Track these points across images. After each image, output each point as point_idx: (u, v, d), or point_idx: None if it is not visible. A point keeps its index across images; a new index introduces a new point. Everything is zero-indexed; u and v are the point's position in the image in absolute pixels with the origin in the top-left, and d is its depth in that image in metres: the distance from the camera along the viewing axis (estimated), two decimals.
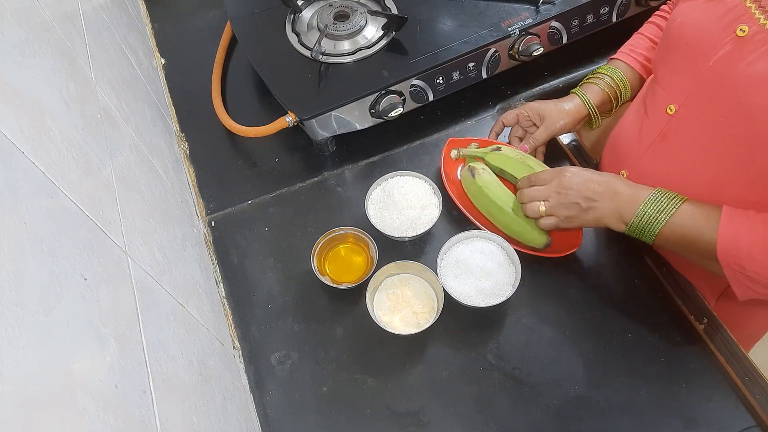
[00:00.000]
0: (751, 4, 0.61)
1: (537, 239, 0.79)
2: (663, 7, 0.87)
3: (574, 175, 0.72)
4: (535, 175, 0.77)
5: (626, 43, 0.88)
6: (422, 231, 0.81)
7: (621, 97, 0.86)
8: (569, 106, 0.85)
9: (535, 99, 1.00)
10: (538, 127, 0.87)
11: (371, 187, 0.84)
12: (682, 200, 0.67)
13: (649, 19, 0.88)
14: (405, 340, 0.76)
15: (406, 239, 0.83)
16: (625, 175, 0.80)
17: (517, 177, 0.84)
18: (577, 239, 0.81)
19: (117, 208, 0.55)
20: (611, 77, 0.85)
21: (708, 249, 0.65)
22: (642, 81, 0.86)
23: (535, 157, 0.88)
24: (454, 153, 0.88)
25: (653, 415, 0.71)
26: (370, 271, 0.79)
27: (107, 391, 0.39)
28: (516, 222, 0.80)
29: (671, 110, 0.71)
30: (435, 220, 0.82)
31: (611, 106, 0.87)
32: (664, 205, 0.67)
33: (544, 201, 0.74)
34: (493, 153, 0.86)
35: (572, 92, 0.87)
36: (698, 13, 0.67)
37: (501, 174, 0.86)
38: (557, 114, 0.85)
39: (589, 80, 0.87)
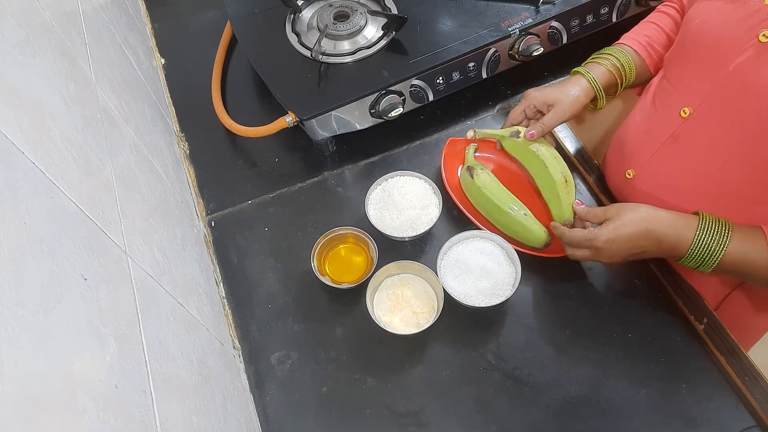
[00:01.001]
0: None
1: (537, 239, 0.79)
2: None
3: (611, 243, 0.68)
4: (570, 235, 0.73)
5: (637, 29, 0.84)
6: (422, 231, 0.81)
7: (624, 82, 0.82)
8: (576, 90, 0.81)
9: None
10: (544, 114, 0.82)
11: (371, 187, 0.84)
12: (729, 233, 0.65)
13: (660, 8, 0.84)
14: (405, 340, 0.76)
15: (406, 239, 0.83)
16: (632, 174, 0.80)
17: (528, 169, 0.84)
18: None
19: (117, 208, 0.55)
20: (618, 59, 0.81)
21: (763, 276, 0.65)
22: (648, 74, 0.83)
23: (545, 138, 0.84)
24: (470, 133, 0.86)
25: (653, 415, 0.71)
26: (370, 271, 0.79)
27: (107, 391, 0.39)
28: (515, 222, 0.80)
29: (685, 113, 0.70)
30: (435, 220, 0.82)
31: (615, 90, 0.83)
32: (715, 246, 0.65)
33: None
34: (510, 139, 0.84)
35: (577, 71, 0.83)
36: (718, 15, 0.65)
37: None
38: (565, 99, 0.80)
39: (595, 60, 0.83)
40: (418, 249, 0.85)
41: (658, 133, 0.75)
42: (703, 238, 0.65)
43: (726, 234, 0.65)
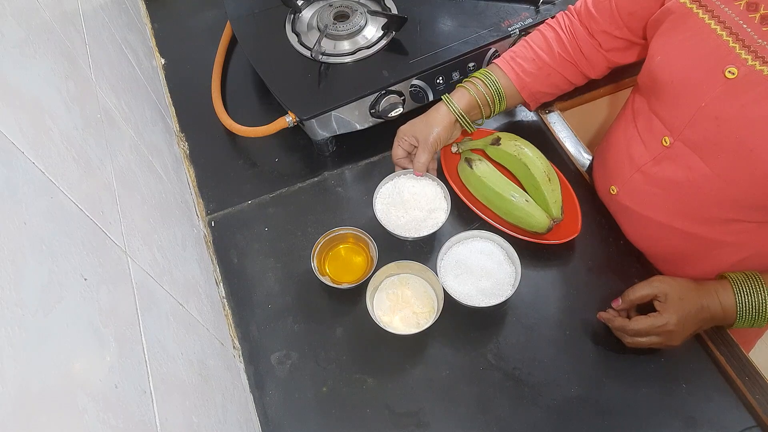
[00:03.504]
0: (734, 44, 0.60)
1: (540, 223, 0.80)
2: (558, 16, 0.83)
3: (684, 321, 0.68)
4: (635, 326, 0.70)
5: (510, 48, 0.85)
6: (425, 234, 0.80)
7: (494, 105, 0.83)
8: (437, 116, 0.82)
9: None
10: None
11: (383, 181, 0.84)
12: (762, 283, 0.67)
13: (540, 27, 0.84)
14: (405, 340, 0.76)
15: (408, 239, 0.83)
16: (615, 190, 0.80)
17: (513, 173, 0.88)
18: (575, 227, 0.82)
19: (117, 208, 0.55)
20: (484, 83, 0.82)
21: None
22: (518, 93, 0.83)
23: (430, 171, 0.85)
24: (454, 148, 0.89)
25: (653, 415, 0.71)
26: (370, 271, 0.79)
27: (107, 391, 0.39)
28: (518, 208, 0.81)
29: (666, 142, 0.70)
30: (440, 225, 0.81)
31: (480, 112, 0.83)
32: (758, 302, 0.66)
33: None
34: (492, 147, 0.87)
35: (442, 97, 0.84)
36: (679, 53, 0.66)
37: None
38: (427, 129, 0.81)
39: (462, 85, 0.84)
40: (418, 249, 0.85)
41: (640, 155, 0.75)
42: (744, 299, 0.67)
43: (760, 285, 0.67)
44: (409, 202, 0.82)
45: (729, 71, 0.60)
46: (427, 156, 0.81)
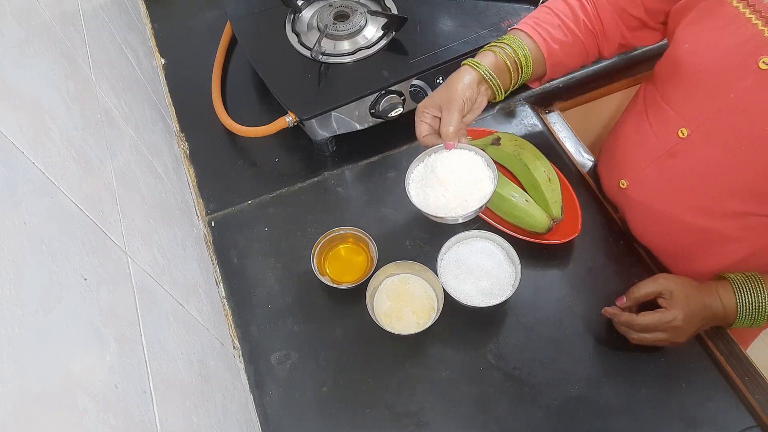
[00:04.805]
0: None
1: (541, 223, 0.80)
2: None
3: (690, 318, 0.68)
4: (642, 321, 0.70)
5: (531, 14, 0.79)
6: (473, 209, 0.69)
7: (522, 69, 0.75)
8: (458, 76, 0.73)
9: (536, 99, 1.00)
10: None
11: (412, 164, 0.74)
12: (762, 283, 0.67)
13: None
14: (405, 340, 0.76)
15: (451, 219, 0.71)
16: (625, 184, 0.80)
17: (513, 173, 0.88)
18: (575, 227, 0.82)
19: (117, 208, 0.55)
20: (511, 47, 0.74)
21: None
22: (543, 61, 0.77)
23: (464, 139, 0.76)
24: None
25: (653, 415, 0.71)
26: (370, 271, 0.79)
27: (107, 391, 0.39)
28: (518, 209, 0.81)
29: (683, 134, 0.69)
30: (489, 196, 0.70)
31: (509, 76, 0.75)
32: (758, 301, 0.67)
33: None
34: (492, 147, 0.88)
35: (463, 63, 0.75)
36: (710, 41, 0.64)
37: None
38: (448, 91, 0.72)
39: (487, 48, 0.76)
40: (418, 249, 0.85)
41: (653, 148, 0.74)
42: (745, 299, 0.67)
43: (760, 286, 0.67)
44: (446, 178, 0.70)
45: (763, 62, 0.59)
46: (455, 118, 0.70)
